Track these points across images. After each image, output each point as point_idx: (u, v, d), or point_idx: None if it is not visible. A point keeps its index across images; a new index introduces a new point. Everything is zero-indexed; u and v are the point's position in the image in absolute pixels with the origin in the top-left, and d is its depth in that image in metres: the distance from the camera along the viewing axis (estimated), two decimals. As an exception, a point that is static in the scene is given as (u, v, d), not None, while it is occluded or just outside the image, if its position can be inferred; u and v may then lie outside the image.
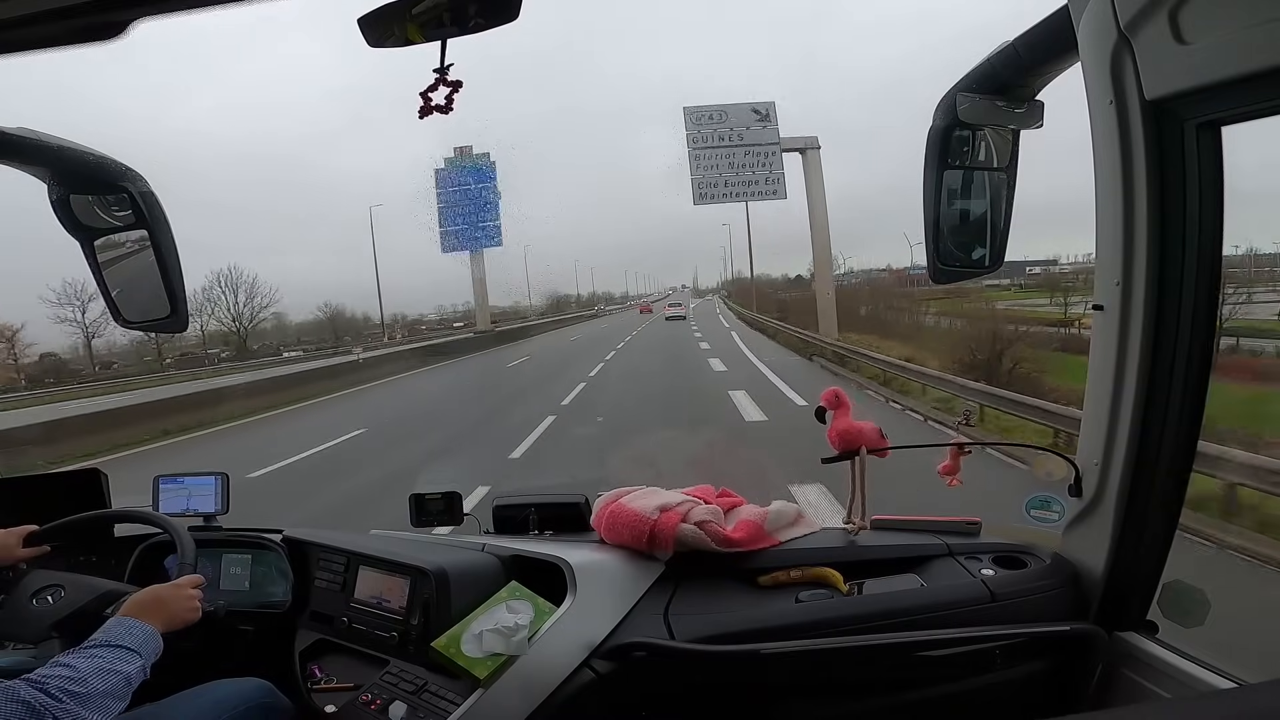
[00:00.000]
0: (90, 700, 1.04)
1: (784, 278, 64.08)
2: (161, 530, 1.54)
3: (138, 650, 1.14)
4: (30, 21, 0.74)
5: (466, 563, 1.48)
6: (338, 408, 14.26)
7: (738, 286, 70.73)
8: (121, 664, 1.11)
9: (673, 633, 1.37)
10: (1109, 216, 1.12)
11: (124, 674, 1.10)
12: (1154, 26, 0.96)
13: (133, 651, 1.13)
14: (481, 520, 1.84)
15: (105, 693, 1.06)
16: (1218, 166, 1.04)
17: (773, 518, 1.64)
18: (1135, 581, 1.30)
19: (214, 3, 0.77)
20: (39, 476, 2.07)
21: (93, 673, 1.07)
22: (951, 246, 1.40)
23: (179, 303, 1.41)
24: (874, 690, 1.38)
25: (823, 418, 1.68)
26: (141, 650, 1.15)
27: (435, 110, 0.90)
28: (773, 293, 36.14)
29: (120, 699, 1.09)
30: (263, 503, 6.23)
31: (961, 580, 1.47)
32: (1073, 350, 13.76)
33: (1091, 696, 1.33)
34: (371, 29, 0.84)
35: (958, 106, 1.30)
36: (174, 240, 1.39)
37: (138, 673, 1.13)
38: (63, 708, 1.00)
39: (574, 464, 7.00)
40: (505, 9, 0.83)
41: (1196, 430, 1.17)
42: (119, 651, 1.13)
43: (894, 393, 10.42)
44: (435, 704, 1.31)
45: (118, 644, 1.14)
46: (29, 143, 1.22)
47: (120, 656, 1.12)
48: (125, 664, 1.11)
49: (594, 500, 1.71)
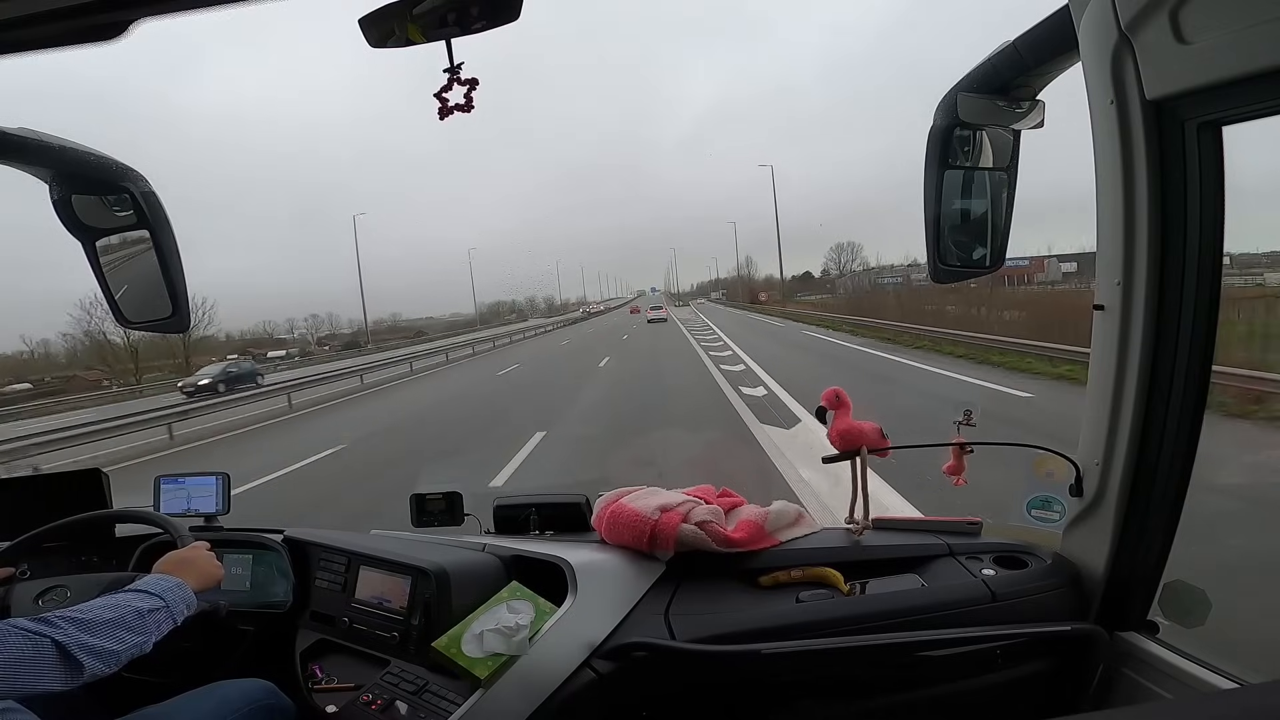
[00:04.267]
0: (95, 627, 1.00)
1: (792, 277, 62.72)
2: (162, 530, 1.54)
3: (160, 595, 1.12)
4: (30, 21, 0.75)
5: (467, 563, 1.49)
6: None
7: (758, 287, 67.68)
8: (136, 601, 1.08)
9: (673, 633, 1.37)
10: (1110, 216, 1.12)
11: (135, 608, 1.07)
12: (1155, 26, 0.96)
13: (152, 595, 1.11)
14: (482, 520, 1.84)
15: (112, 621, 1.02)
16: (1218, 166, 1.03)
17: (773, 518, 1.64)
18: (1136, 581, 1.30)
19: (214, 3, 0.77)
20: (40, 476, 2.07)
21: (100, 606, 1.04)
22: (952, 246, 1.40)
23: (181, 303, 1.41)
24: (875, 690, 1.38)
25: (823, 418, 1.68)
26: (165, 597, 1.12)
27: (456, 110, 0.90)
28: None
29: (133, 630, 1.04)
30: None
31: (962, 580, 1.47)
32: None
33: (1092, 697, 1.33)
34: (372, 29, 0.84)
35: (958, 106, 1.30)
36: (175, 240, 1.39)
37: (159, 613, 1.09)
38: (61, 631, 0.96)
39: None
40: (507, 9, 0.83)
41: (1197, 430, 1.17)
42: (136, 594, 1.10)
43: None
44: (436, 704, 1.31)
45: (137, 589, 1.12)
46: (30, 143, 1.22)
47: (136, 596, 1.10)
48: (140, 601, 1.08)
49: (594, 500, 1.71)
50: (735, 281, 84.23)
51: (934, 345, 15.55)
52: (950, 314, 18.76)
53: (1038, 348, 11.66)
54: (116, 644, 1.02)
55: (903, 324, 19.16)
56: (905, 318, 20.27)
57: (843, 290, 50.59)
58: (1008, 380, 10.27)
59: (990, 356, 12.87)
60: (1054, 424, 6.50)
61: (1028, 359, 11.58)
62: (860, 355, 15.88)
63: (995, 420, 5.41)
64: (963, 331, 15.51)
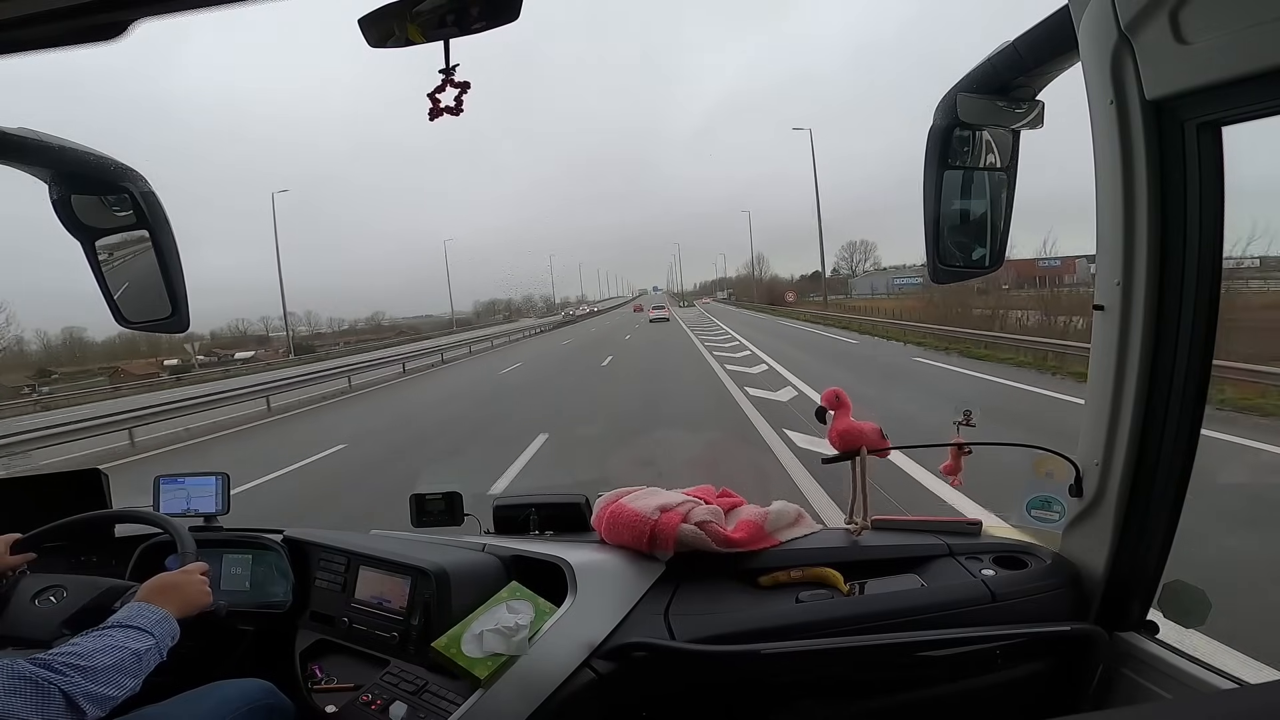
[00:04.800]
0: (97, 674, 1.02)
1: (801, 276, 60.40)
2: (162, 530, 1.54)
3: (150, 631, 1.13)
4: (30, 21, 0.74)
5: (467, 563, 1.49)
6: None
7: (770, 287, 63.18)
8: (131, 642, 1.10)
9: (673, 633, 1.37)
10: (1109, 216, 1.12)
11: (133, 650, 1.09)
12: (1154, 26, 0.96)
13: (144, 631, 1.13)
14: (482, 520, 1.84)
15: (113, 667, 1.05)
16: (1218, 166, 1.03)
17: (773, 518, 1.64)
18: (1136, 582, 1.30)
19: (214, 3, 0.77)
20: (40, 476, 2.07)
21: (99, 649, 1.06)
22: (951, 246, 1.40)
23: (180, 303, 1.41)
24: (874, 690, 1.38)
25: (823, 418, 1.68)
26: (155, 631, 1.14)
27: (445, 112, 0.90)
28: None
29: (130, 675, 1.07)
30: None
31: (962, 580, 1.47)
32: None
33: (1092, 697, 1.33)
34: (372, 30, 0.84)
35: (958, 106, 1.30)
36: (175, 241, 1.39)
37: (151, 652, 1.11)
38: (68, 680, 0.99)
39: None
40: (506, 9, 0.83)
41: (1197, 430, 1.17)
42: (129, 631, 1.12)
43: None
44: (436, 704, 1.31)
45: (129, 624, 1.13)
46: (30, 143, 1.22)
47: (130, 635, 1.11)
48: (135, 641, 1.10)
49: (594, 500, 1.71)
50: (745, 280, 78.60)
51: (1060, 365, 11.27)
52: (1031, 323, 15.27)
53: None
54: (116, 689, 1.04)
55: (1040, 339, 13.63)
56: (982, 326, 16.28)
57: (854, 290, 47.84)
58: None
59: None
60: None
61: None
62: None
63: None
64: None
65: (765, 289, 65.95)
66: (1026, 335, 14.50)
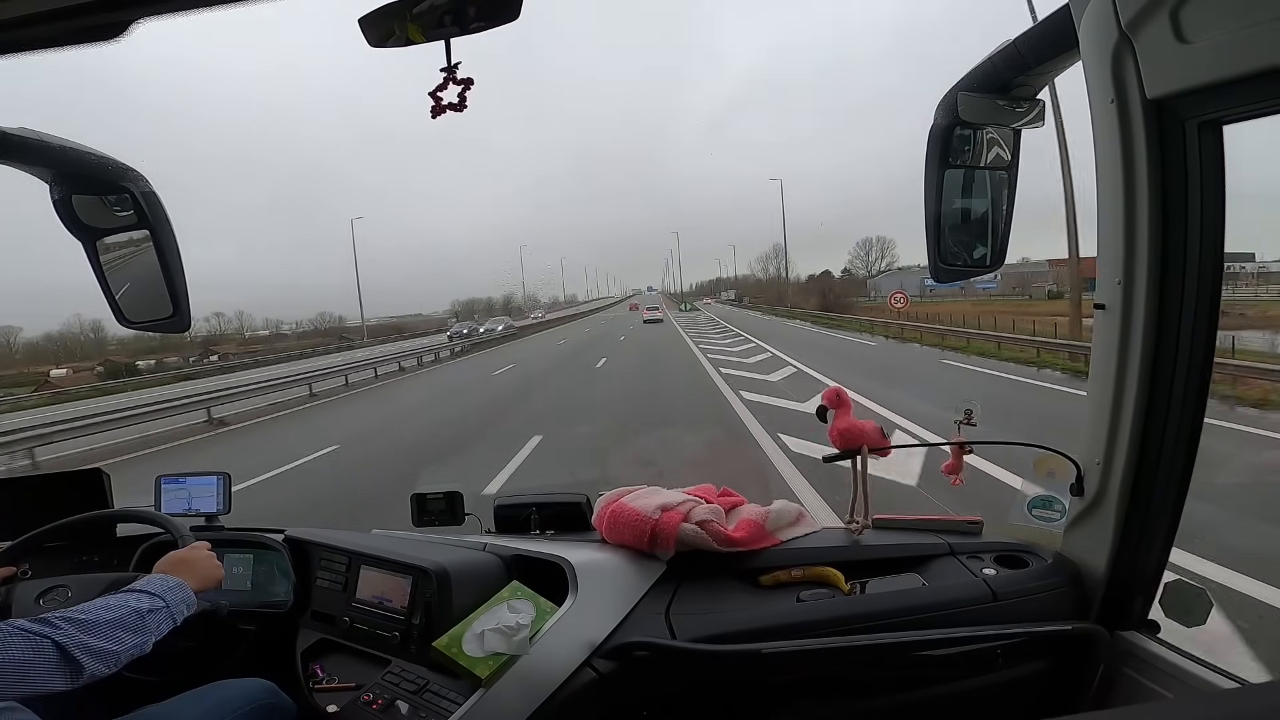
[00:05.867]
0: (94, 627, 1.00)
1: (809, 277, 56.66)
2: (163, 530, 1.54)
3: (160, 595, 1.12)
4: (30, 21, 0.74)
5: (468, 562, 1.49)
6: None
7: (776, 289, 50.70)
8: (135, 602, 1.08)
9: (674, 632, 1.37)
10: (1110, 215, 1.12)
11: (135, 608, 1.07)
12: (1155, 25, 0.96)
13: (152, 595, 1.11)
14: (483, 520, 1.84)
15: (112, 622, 1.03)
16: (1219, 165, 1.03)
17: (774, 517, 1.64)
18: (1137, 581, 1.30)
19: (215, 3, 0.77)
20: (42, 476, 2.07)
21: (100, 606, 1.05)
22: (953, 245, 1.40)
23: (181, 303, 1.41)
24: (875, 690, 1.38)
25: (824, 417, 1.68)
26: (166, 597, 1.13)
27: (449, 109, 0.90)
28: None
29: (132, 631, 1.05)
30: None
31: (963, 580, 1.47)
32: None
33: (1093, 696, 1.33)
34: (372, 29, 0.84)
35: (959, 105, 1.30)
36: (176, 241, 1.39)
37: (158, 614, 1.10)
38: (62, 633, 0.97)
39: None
40: (506, 9, 0.83)
41: (1198, 429, 1.17)
42: (135, 594, 1.11)
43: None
44: (437, 703, 1.31)
45: (136, 589, 1.12)
46: (30, 143, 1.22)
47: (135, 597, 1.10)
48: (140, 602, 1.09)
49: (595, 500, 1.71)
50: (767, 282, 66.74)
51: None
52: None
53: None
54: (116, 644, 1.02)
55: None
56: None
57: (879, 292, 41.89)
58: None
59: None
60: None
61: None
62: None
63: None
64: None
65: (815, 289, 50.46)
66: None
